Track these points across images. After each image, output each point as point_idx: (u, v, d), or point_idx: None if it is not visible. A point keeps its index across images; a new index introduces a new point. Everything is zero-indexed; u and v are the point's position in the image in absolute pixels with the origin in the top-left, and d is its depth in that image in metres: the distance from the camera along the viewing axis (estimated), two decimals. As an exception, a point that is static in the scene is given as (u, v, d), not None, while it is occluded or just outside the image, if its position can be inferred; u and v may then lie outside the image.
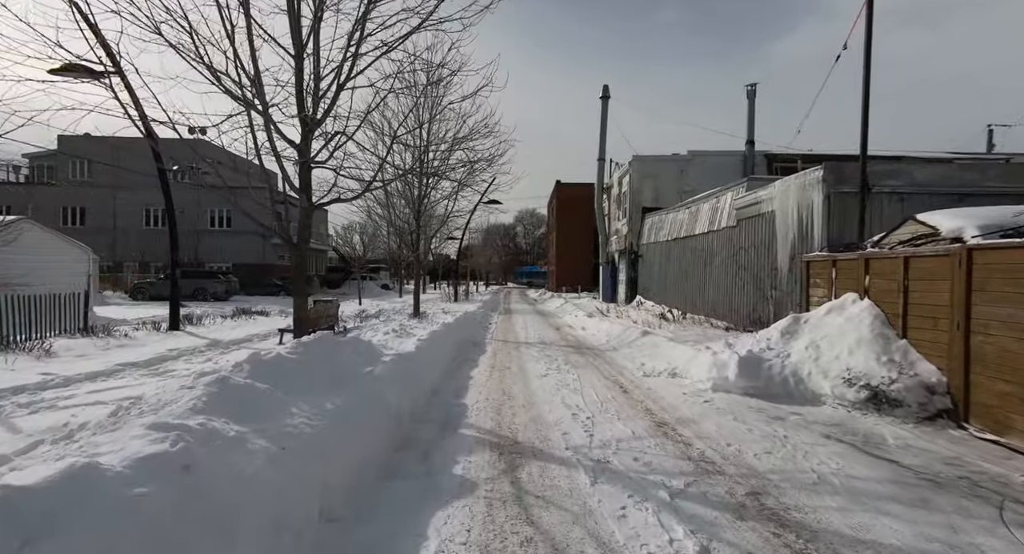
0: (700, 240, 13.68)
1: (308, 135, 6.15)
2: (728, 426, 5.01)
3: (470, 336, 12.22)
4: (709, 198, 13.47)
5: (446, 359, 8.31)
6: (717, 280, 12.40)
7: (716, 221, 12.57)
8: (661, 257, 17.40)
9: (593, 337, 12.96)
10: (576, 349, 10.73)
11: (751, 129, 20.13)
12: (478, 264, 51.08)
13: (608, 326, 13.47)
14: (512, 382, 7.19)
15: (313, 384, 3.84)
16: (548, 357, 9.49)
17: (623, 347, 10.32)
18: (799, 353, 6.29)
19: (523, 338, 12.76)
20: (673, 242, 16.05)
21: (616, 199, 23.97)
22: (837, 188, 7.73)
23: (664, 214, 17.63)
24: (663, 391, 6.56)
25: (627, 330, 11.67)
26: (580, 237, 45.24)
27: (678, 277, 15.47)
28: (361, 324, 11.72)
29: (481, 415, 5.43)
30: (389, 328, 8.54)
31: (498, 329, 14.95)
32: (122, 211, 35.67)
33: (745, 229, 10.79)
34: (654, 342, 9.41)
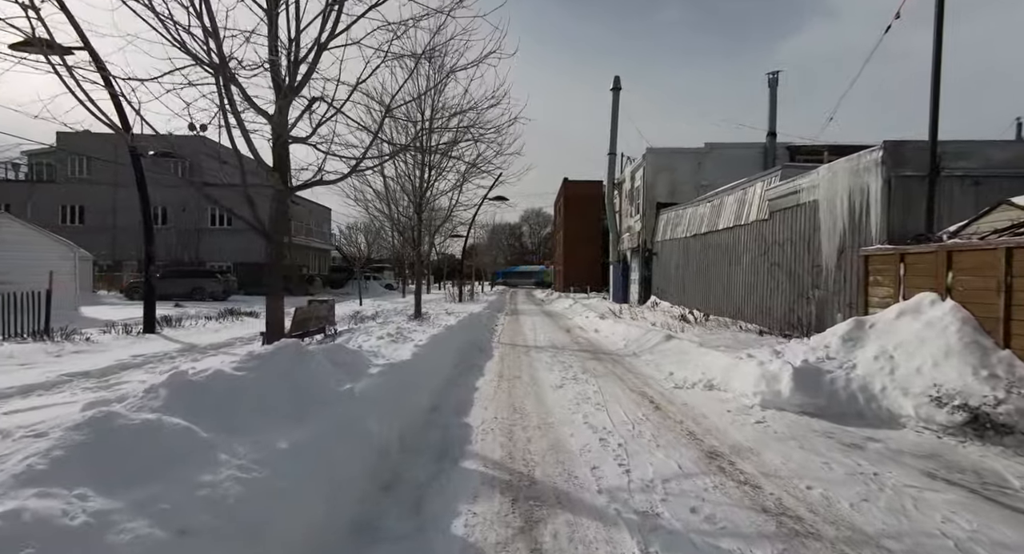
0: (724, 236, 12.63)
1: (284, 104, 5.21)
2: (797, 458, 4.01)
3: (475, 339, 11.25)
4: (735, 190, 12.42)
5: (448, 367, 7.34)
6: (745, 279, 11.36)
7: (743, 214, 11.53)
8: (678, 255, 16.35)
9: (608, 340, 11.95)
10: (592, 354, 9.74)
11: (772, 120, 19.04)
12: (483, 263, 50.15)
13: (624, 328, 12.45)
14: (523, 395, 6.21)
15: (267, 412, 2.89)
16: (562, 364, 8.51)
17: (644, 352, 9.31)
18: (867, 364, 5.27)
19: (532, 341, 11.78)
20: (692, 238, 15.00)
21: (628, 195, 22.93)
22: (897, 171, 6.70)
23: (682, 209, 16.59)
24: (703, 407, 5.55)
25: (647, 333, 10.65)
26: (588, 236, 44.18)
27: (698, 276, 14.42)
28: (355, 327, 10.78)
29: (488, 440, 4.45)
30: (384, 332, 7.59)
31: (505, 331, 13.97)
32: (122, 209, 34.99)
33: (779, 222, 9.75)
34: (681, 348, 8.39)
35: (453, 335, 9.45)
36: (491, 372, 7.69)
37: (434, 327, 9.40)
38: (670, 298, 16.92)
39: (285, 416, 2.99)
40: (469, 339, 10.80)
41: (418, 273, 13.52)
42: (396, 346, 6.62)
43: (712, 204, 13.83)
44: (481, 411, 5.42)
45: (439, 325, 9.78)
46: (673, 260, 16.86)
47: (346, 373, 4.18)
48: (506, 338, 12.43)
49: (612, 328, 13.41)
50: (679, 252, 16.28)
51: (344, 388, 3.68)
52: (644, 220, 19.68)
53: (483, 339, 11.64)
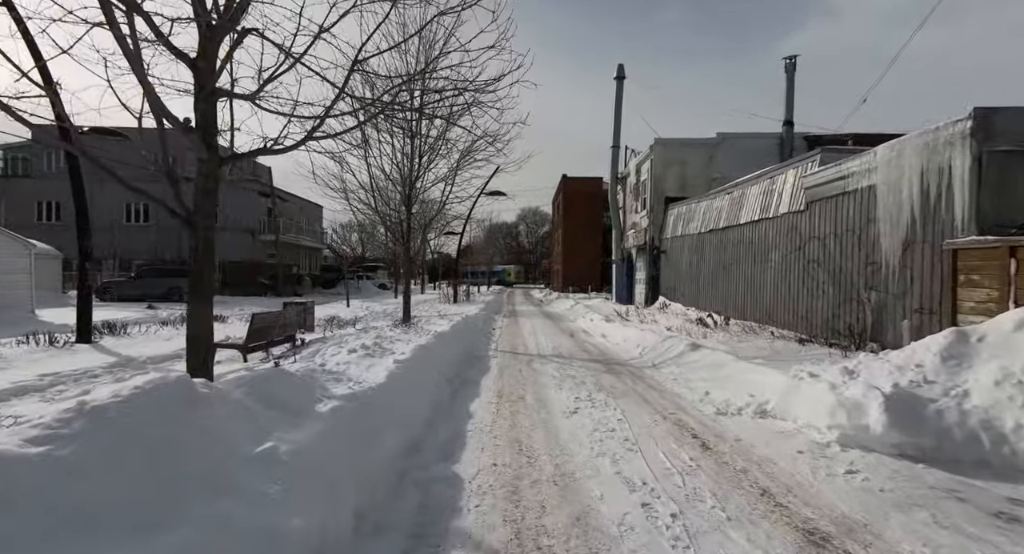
0: (747, 231, 11.37)
1: (210, 44, 3.89)
2: (943, 542, 2.72)
3: (470, 348, 9.94)
4: (760, 179, 11.16)
5: (435, 386, 6.02)
6: (774, 278, 10.09)
7: (771, 206, 10.27)
8: (691, 252, 15.09)
9: (620, 348, 10.67)
10: (604, 365, 8.45)
11: (789, 108, 17.80)
12: (480, 263, 48.88)
13: (635, 333, 11.18)
14: (530, 425, 4.91)
15: (92, 523, 1.57)
16: (572, 378, 7.22)
17: (666, 364, 8.02)
18: (987, 392, 3.99)
19: (534, 349, 10.49)
20: (708, 234, 13.74)
21: (633, 189, 21.67)
22: (990, 145, 5.45)
23: (694, 203, 15.33)
24: (764, 446, 4.27)
25: (665, 340, 9.37)
26: (588, 234, 42.94)
27: (715, 275, 13.16)
28: (329, 335, 9.40)
29: (484, 507, 3.15)
30: (360, 342, 6.27)
31: (503, 336, 12.68)
32: (101, 205, 33.39)
33: (820, 213, 8.49)
34: (715, 360, 7.10)
35: (444, 344, 8.14)
36: (488, 391, 6.38)
37: (422, 335, 8.08)
38: (682, 299, 15.66)
39: (132, 528, 1.67)
40: (463, 348, 9.49)
41: (407, 273, 12.21)
42: (371, 363, 5.30)
43: (731, 196, 12.57)
44: (476, 453, 4.11)
45: (428, 332, 8.47)
46: (685, 258, 15.60)
47: (280, 418, 2.87)
48: (505, 344, 11.13)
49: (621, 333, 12.14)
50: (692, 249, 15.02)
51: (261, 450, 2.36)
52: (651, 216, 18.42)
53: (479, 347, 10.32)
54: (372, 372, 4.85)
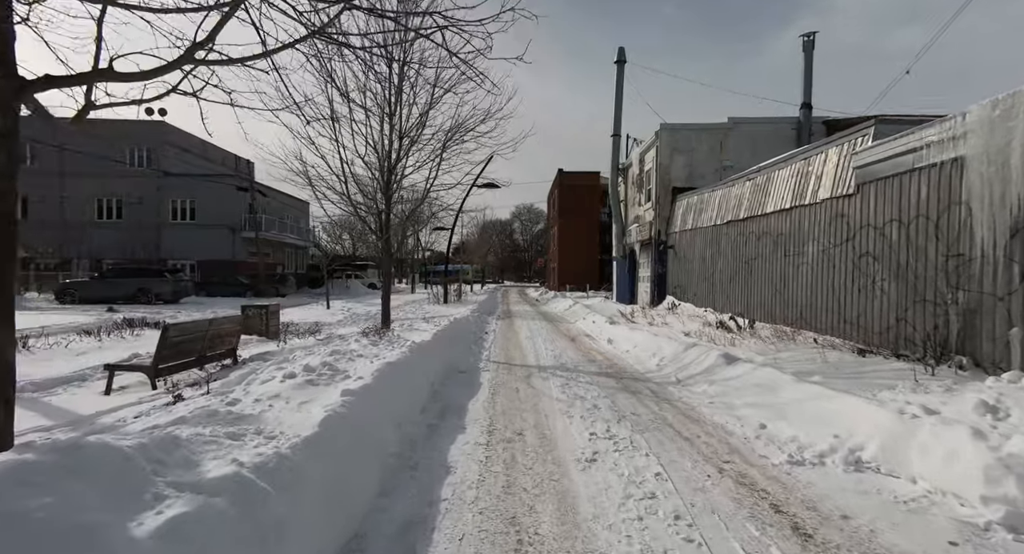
0: (776, 221, 9.94)
1: None
2: None
3: (456, 359, 8.44)
4: (791, 162, 9.72)
5: (399, 421, 4.50)
6: (810, 275, 8.67)
7: (807, 191, 8.83)
8: (704, 247, 13.65)
9: (631, 356, 9.21)
10: (617, 380, 6.99)
11: (807, 90, 16.39)
12: (473, 261, 47.35)
13: (648, 339, 9.73)
14: (533, 488, 3.41)
15: None
16: (581, 401, 5.74)
17: (695, 380, 6.55)
18: None
19: (533, 358, 9.00)
20: (725, 226, 12.30)
21: (636, 181, 20.22)
22: None
23: (708, 192, 13.89)
24: (893, 532, 2.79)
25: (688, 349, 7.92)
26: (585, 230, 41.53)
27: (735, 272, 11.73)
28: (275, 351, 7.76)
29: None
30: (305, 364, 4.72)
31: (497, 342, 11.18)
32: (71, 201, 31.59)
33: (876, 196, 7.05)
34: (763, 379, 5.62)
35: (424, 357, 6.62)
36: (476, 424, 4.88)
37: (395, 346, 6.56)
38: (694, 299, 14.23)
39: None
40: (447, 360, 7.98)
41: (386, 271, 10.66)
42: (308, 396, 3.77)
43: (754, 182, 11.13)
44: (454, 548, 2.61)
45: (404, 342, 6.94)
46: (697, 253, 14.16)
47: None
48: (499, 353, 9.64)
49: (630, 337, 10.69)
50: (705, 243, 13.58)
51: None
52: (657, 208, 16.97)
53: (467, 358, 8.81)
54: (303, 415, 3.33)
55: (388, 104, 10.11)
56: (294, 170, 8.96)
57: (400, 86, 10.06)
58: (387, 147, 10.16)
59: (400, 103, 10.16)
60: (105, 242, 31.12)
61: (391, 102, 10.09)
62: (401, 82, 10.07)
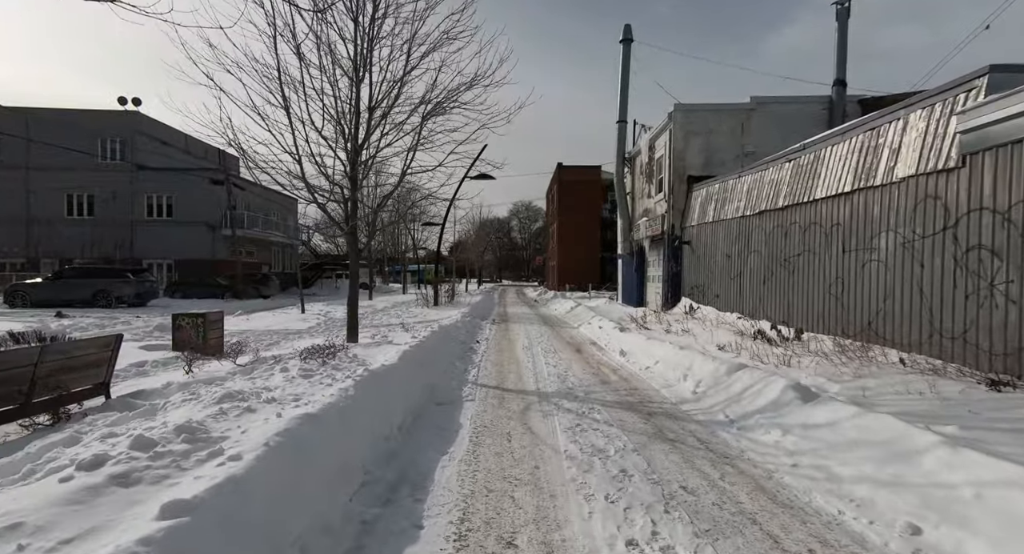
0: (829, 208, 8.12)
1: None
2: None
3: (435, 382, 6.59)
4: (849, 133, 7.90)
5: (313, 511, 2.65)
6: (886, 275, 6.84)
7: (878, 169, 7.01)
8: (728, 241, 11.83)
9: (655, 375, 7.39)
10: (645, 417, 5.15)
11: (841, 65, 14.54)
12: (469, 260, 45.49)
13: (672, 353, 7.92)
14: None
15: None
16: (604, 462, 3.92)
17: (758, 422, 4.70)
18: None
19: (532, 379, 7.16)
20: (757, 218, 10.48)
21: (645, 170, 18.38)
22: None
23: (732, 179, 12.06)
24: None
25: (734, 371, 6.09)
26: (586, 227, 39.75)
27: (770, 271, 9.90)
28: (181, 382, 5.66)
29: None
30: (175, 422, 2.90)
31: (489, 356, 9.34)
32: (39, 197, 29.58)
33: (996, 170, 5.22)
34: (877, 430, 3.75)
35: (380, 391, 4.76)
36: (440, 520, 3.03)
37: (340, 377, 4.68)
38: (715, 302, 12.41)
39: None
40: (423, 385, 6.13)
41: (352, 270, 8.80)
42: (92, 523, 1.93)
43: (796, 164, 9.30)
44: None
45: (357, 369, 5.06)
46: (720, 249, 12.34)
47: None
48: (490, 371, 7.80)
49: (647, 349, 8.88)
50: (731, 238, 11.76)
51: None
52: (670, 199, 15.13)
53: (450, 380, 6.96)
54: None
55: (354, 67, 8.26)
56: (228, 141, 7.07)
57: (368, 47, 8.21)
58: (352, 121, 8.31)
59: (369, 66, 8.31)
60: (75, 240, 29.14)
61: (357, 65, 8.24)
62: (371, 42, 8.22)
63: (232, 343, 9.73)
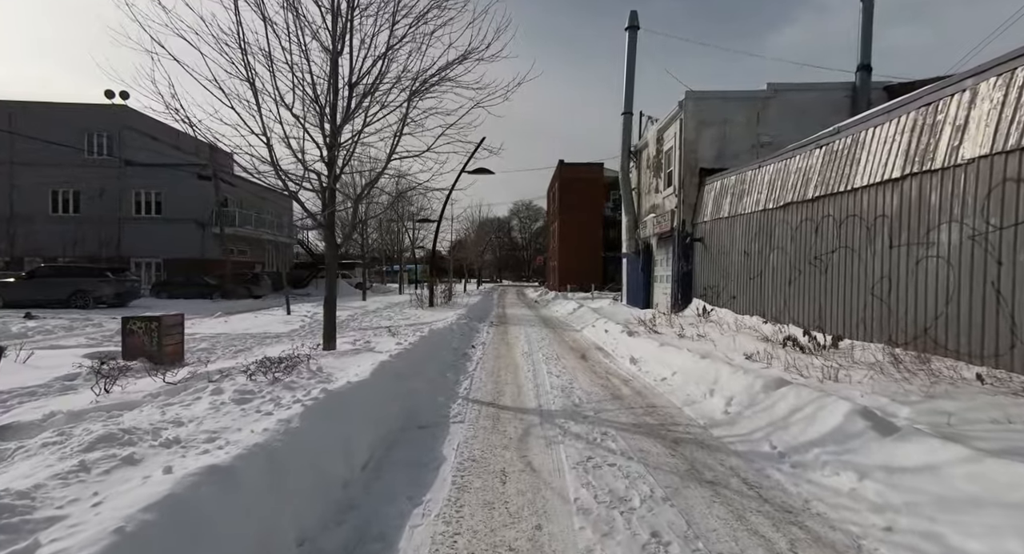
0: (871, 198, 7.13)
1: None
2: None
3: (418, 399, 5.59)
4: (897, 111, 6.91)
5: None
6: (947, 273, 5.85)
7: (937, 150, 6.02)
8: (747, 238, 10.84)
9: (673, 389, 6.39)
10: (672, 448, 4.14)
11: (866, 49, 13.53)
12: (468, 259, 44.50)
13: (692, 363, 6.93)
14: None
15: None
16: (628, 520, 2.92)
17: (819, 458, 3.69)
18: None
19: (532, 394, 6.15)
20: (781, 211, 9.49)
21: (652, 163, 17.38)
22: None
23: (749, 170, 11.08)
24: None
25: (774, 388, 5.08)
26: (588, 226, 38.75)
27: (798, 269, 8.91)
28: (83, 410, 4.57)
29: None
30: None
31: (484, 364, 8.33)
32: (22, 193, 28.59)
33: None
34: (1004, 482, 2.78)
35: (341, 417, 3.76)
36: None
37: (288, 402, 3.69)
38: (731, 304, 11.41)
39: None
40: (402, 405, 5.13)
41: (330, 268, 7.81)
42: None
43: (829, 149, 8.31)
44: None
45: (312, 390, 4.06)
46: (737, 246, 11.34)
47: None
48: (484, 383, 6.80)
49: (661, 357, 7.89)
50: (750, 234, 10.77)
51: None
52: (681, 194, 14.14)
53: (436, 397, 5.95)
54: None
55: (332, 38, 7.27)
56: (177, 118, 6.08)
57: (348, 16, 7.22)
58: (330, 98, 7.33)
59: (350, 37, 7.32)
60: (60, 238, 28.15)
61: (336, 35, 7.26)
62: (352, 9, 7.23)
63: (199, 349, 8.76)
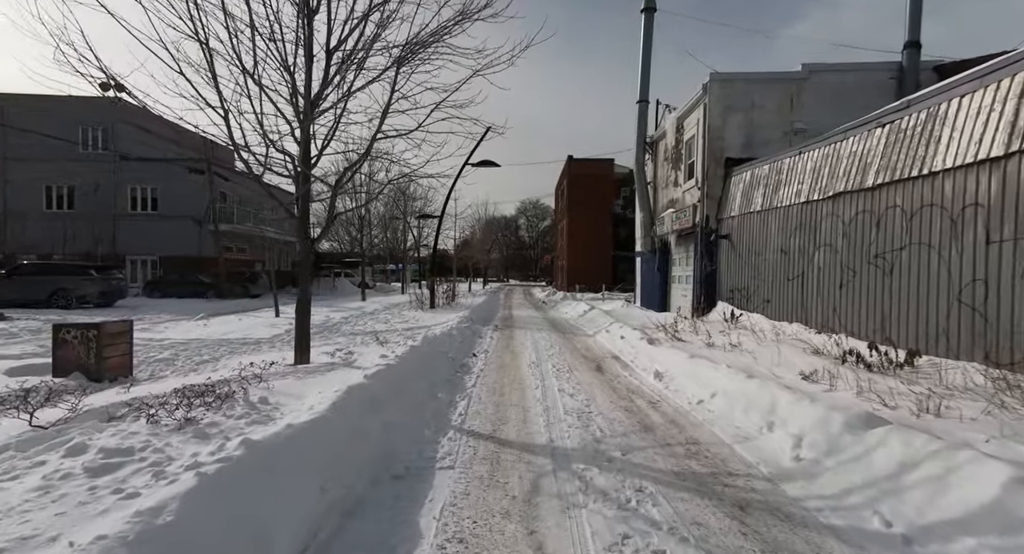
0: (955, 184, 5.86)
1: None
2: None
3: (396, 433, 4.39)
4: (992, 76, 5.63)
5: None
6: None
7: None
8: (785, 234, 9.57)
9: (715, 416, 5.16)
10: (740, 518, 2.86)
11: (914, 24, 12.15)
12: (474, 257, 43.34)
13: (735, 383, 5.71)
14: None
15: None
16: None
17: (976, 553, 2.47)
18: None
19: (543, 423, 4.93)
20: (829, 202, 8.21)
21: (670, 155, 16.09)
22: None
23: (788, 157, 9.80)
24: None
25: (864, 428, 3.84)
26: (597, 224, 37.42)
27: (852, 270, 7.64)
28: None
29: None
30: None
31: (485, 379, 7.12)
32: (15, 189, 27.81)
33: None
34: None
35: (263, 486, 2.59)
36: None
37: (189, 458, 2.53)
38: (765, 308, 10.14)
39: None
40: (369, 450, 3.93)
41: (304, 266, 6.66)
42: None
43: (895, 127, 7.03)
44: None
45: (236, 439, 2.91)
46: (771, 244, 10.07)
47: None
48: (484, 405, 5.59)
49: (692, 372, 6.67)
50: (788, 229, 9.49)
51: None
52: (704, 187, 12.86)
53: (422, 429, 4.74)
54: None
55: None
56: (93, 80, 4.94)
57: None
58: (300, 66, 6.18)
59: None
60: (55, 235, 27.33)
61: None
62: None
63: (157, 360, 7.65)
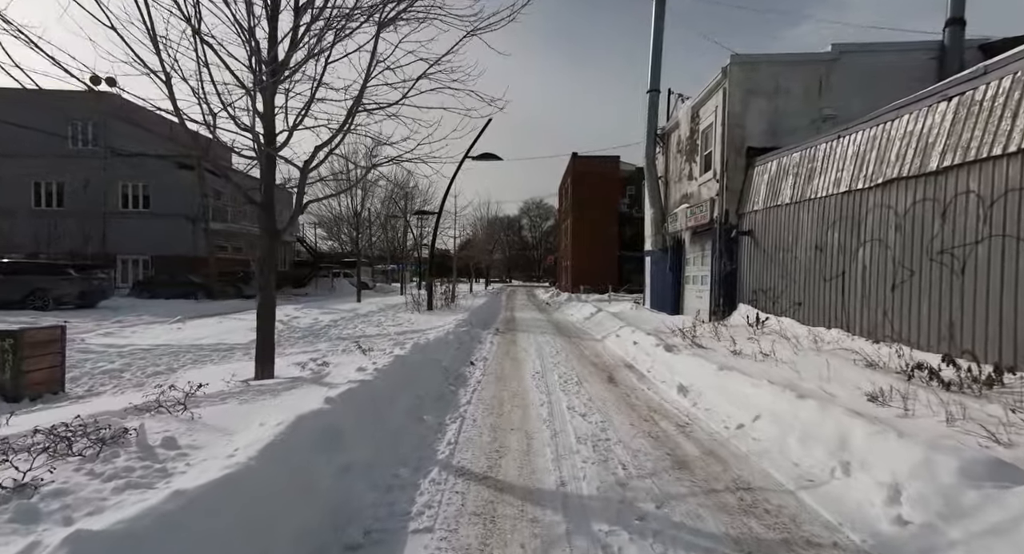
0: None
1: None
2: None
3: (354, 484, 3.37)
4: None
5: None
6: None
7: None
8: (820, 229, 8.53)
9: (762, 447, 4.12)
10: None
11: (958, 2, 11.08)
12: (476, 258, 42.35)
13: (778, 403, 4.70)
14: None
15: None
16: None
17: None
18: None
19: (551, 457, 3.88)
20: (875, 191, 7.17)
21: (684, 147, 15.04)
22: None
23: (822, 142, 8.75)
24: None
25: (996, 488, 2.80)
26: (602, 223, 36.34)
27: (908, 270, 6.59)
28: None
29: None
30: None
31: (483, 394, 6.09)
32: (2, 185, 26.93)
33: None
34: None
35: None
36: None
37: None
38: (795, 312, 9.10)
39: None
40: (317, 507, 2.90)
41: (268, 262, 5.67)
42: None
43: (964, 101, 6.00)
44: None
45: (53, 539, 1.92)
46: (803, 240, 9.02)
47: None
48: (479, 433, 4.56)
49: (724, 387, 5.67)
50: (823, 224, 8.45)
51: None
52: (723, 179, 11.81)
53: (397, 468, 3.71)
54: None
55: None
56: None
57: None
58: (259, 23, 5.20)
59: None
60: (44, 233, 26.49)
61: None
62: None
63: (104, 371, 6.65)
